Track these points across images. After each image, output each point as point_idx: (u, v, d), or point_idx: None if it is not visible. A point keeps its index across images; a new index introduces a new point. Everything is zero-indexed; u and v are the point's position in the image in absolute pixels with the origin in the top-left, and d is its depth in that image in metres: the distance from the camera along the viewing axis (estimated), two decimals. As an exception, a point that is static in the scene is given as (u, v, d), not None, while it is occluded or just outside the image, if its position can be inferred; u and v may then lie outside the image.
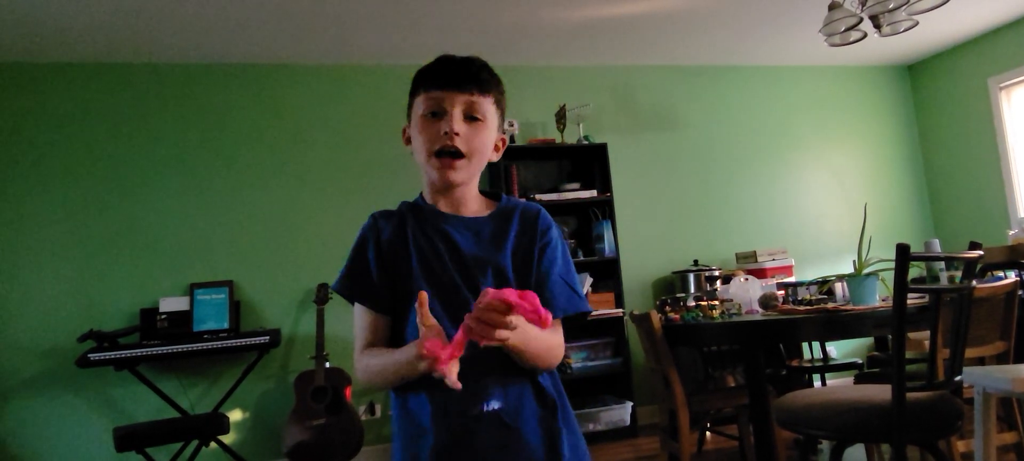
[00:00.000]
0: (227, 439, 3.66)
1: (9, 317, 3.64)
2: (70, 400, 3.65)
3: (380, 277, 1.10)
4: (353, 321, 1.13)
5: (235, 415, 3.81)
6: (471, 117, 1.12)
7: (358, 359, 1.10)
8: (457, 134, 1.09)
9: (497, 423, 1.04)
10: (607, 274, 4.29)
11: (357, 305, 1.11)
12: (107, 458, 3.62)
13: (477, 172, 1.15)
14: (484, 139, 1.13)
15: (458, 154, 1.10)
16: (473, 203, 1.18)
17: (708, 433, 3.80)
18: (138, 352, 3.42)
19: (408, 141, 1.18)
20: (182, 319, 3.71)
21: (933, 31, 4.64)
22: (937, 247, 3.16)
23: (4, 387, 3.59)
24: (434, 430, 1.03)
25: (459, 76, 1.11)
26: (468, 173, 1.13)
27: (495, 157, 1.17)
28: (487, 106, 1.13)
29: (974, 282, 1.85)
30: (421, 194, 1.20)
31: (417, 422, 1.06)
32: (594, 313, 4.13)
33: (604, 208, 4.34)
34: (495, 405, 1.04)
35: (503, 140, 1.19)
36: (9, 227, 3.70)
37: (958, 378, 1.84)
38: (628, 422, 4.04)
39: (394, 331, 1.11)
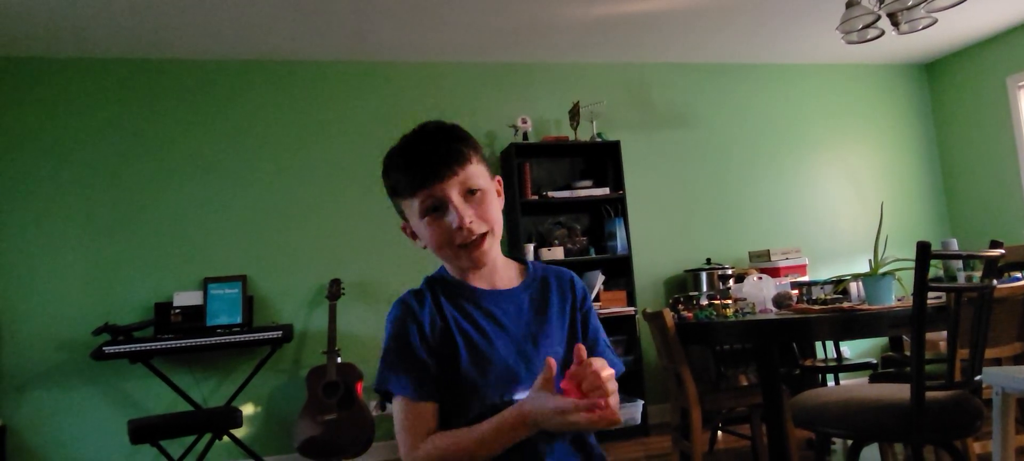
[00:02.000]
0: (240, 433, 3.69)
1: (26, 310, 3.68)
2: (85, 392, 3.69)
3: (431, 366, 1.04)
4: (396, 417, 1.04)
5: (248, 409, 3.84)
6: (470, 191, 1.06)
7: (414, 453, 1.01)
8: (470, 222, 1.04)
9: None
10: (619, 272, 4.28)
11: (401, 399, 1.03)
12: (122, 450, 3.66)
13: (499, 237, 1.11)
14: (491, 205, 1.08)
15: (481, 237, 1.06)
16: (503, 271, 1.14)
17: (720, 432, 3.78)
18: (152, 345, 3.45)
19: (413, 236, 1.12)
20: (196, 313, 3.73)
21: (951, 29, 4.59)
22: (954, 247, 3.12)
23: (20, 379, 3.63)
24: None
25: (438, 164, 1.04)
26: (495, 244, 1.09)
27: (500, 204, 1.13)
28: (477, 172, 1.07)
29: (995, 281, 1.83)
30: (443, 269, 1.15)
31: None
32: (606, 312, 4.12)
33: (617, 206, 4.33)
34: None
35: (499, 182, 1.15)
36: (26, 221, 3.74)
37: (978, 378, 1.82)
38: (639, 421, 4.03)
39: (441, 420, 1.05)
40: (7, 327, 3.65)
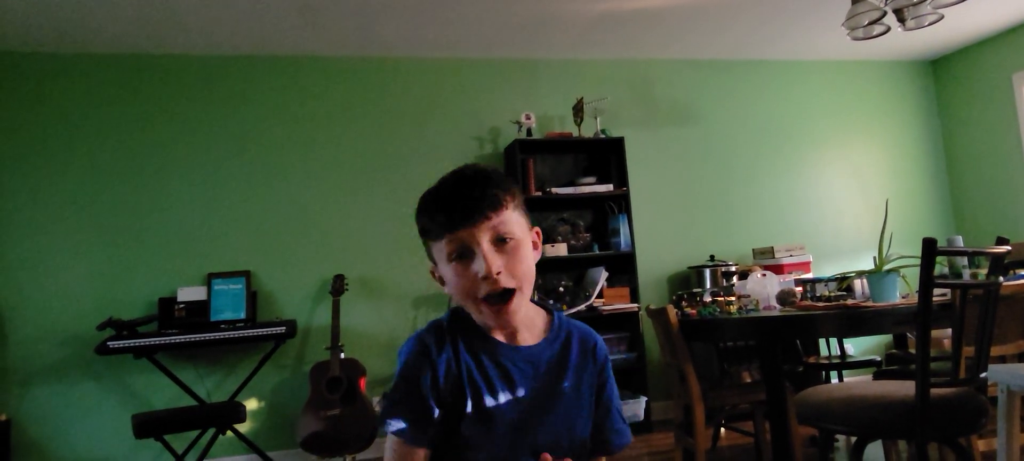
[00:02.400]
0: (243, 428, 3.69)
1: (30, 305, 3.69)
2: (89, 387, 3.70)
3: (435, 415, 1.02)
4: (387, 451, 1.05)
5: (251, 404, 3.84)
6: (501, 240, 1.00)
7: None
8: (498, 274, 0.98)
9: None
10: (623, 269, 4.28)
11: (394, 438, 1.03)
12: (125, 444, 3.67)
13: (529, 296, 1.06)
14: (523, 257, 1.02)
15: (508, 292, 1.00)
16: (527, 323, 1.08)
17: (723, 429, 3.77)
18: (156, 341, 3.46)
19: (441, 282, 1.07)
20: (199, 309, 3.74)
21: (957, 26, 4.57)
22: (959, 244, 3.11)
23: (25, 373, 3.64)
24: None
25: (471, 209, 0.99)
26: (524, 303, 1.04)
27: (536, 257, 1.07)
28: (511, 219, 1.02)
29: (1001, 278, 1.82)
30: (463, 312, 1.10)
31: None
32: (609, 308, 4.11)
33: (620, 202, 4.32)
34: None
35: (537, 234, 1.09)
36: (31, 216, 3.75)
37: (983, 375, 1.81)
38: (642, 417, 4.03)
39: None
40: (12, 322, 3.66)
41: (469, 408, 1.01)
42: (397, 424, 1.02)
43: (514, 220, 1.02)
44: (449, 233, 1.00)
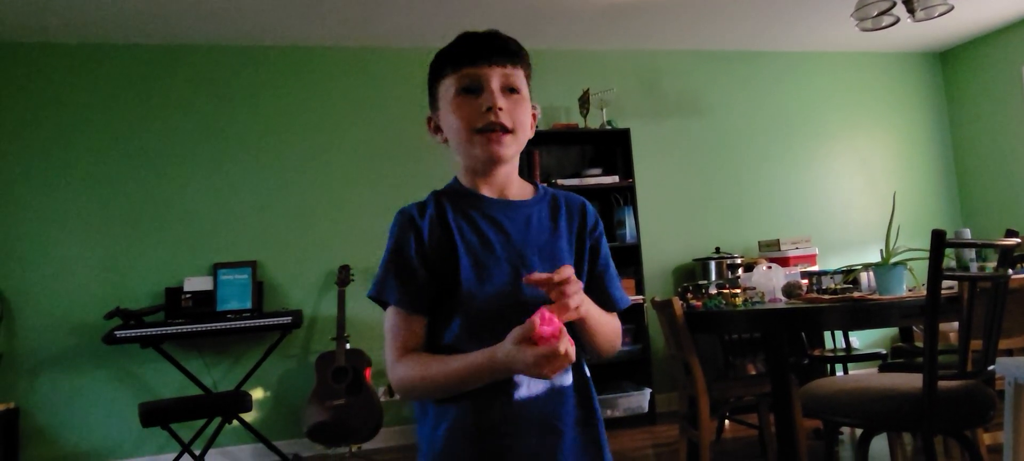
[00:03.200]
0: (249, 417, 3.72)
1: (38, 294, 3.71)
2: (97, 375, 3.72)
3: (424, 278, 1.01)
4: (386, 324, 1.03)
5: (257, 394, 3.86)
6: (510, 89, 1.05)
7: (396, 366, 1.00)
8: (500, 108, 1.02)
9: (538, 423, 0.99)
10: (628, 260, 4.27)
11: (393, 308, 1.02)
12: (132, 432, 3.70)
13: (521, 149, 1.09)
14: (525, 113, 1.07)
15: (504, 129, 1.03)
16: (516, 186, 1.11)
17: (727, 421, 3.78)
18: (163, 330, 3.48)
19: (435, 130, 1.11)
20: (206, 298, 3.76)
21: (966, 17, 4.53)
22: (967, 237, 3.10)
23: (33, 362, 3.67)
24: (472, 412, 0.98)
25: (491, 49, 1.05)
26: (515, 149, 1.07)
27: (530, 133, 1.10)
28: (521, 78, 1.07)
29: (1010, 271, 1.81)
30: (455, 180, 1.12)
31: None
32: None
33: (626, 194, 4.31)
34: (538, 389, 0.99)
35: (535, 114, 1.13)
36: (39, 206, 3.77)
37: (991, 368, 1.81)
38: (647, 409, 4.04)
39: (429, 331, 1.03)
40: (21, 311, 3.68)
41: (463, 262, 1.01)
42: (392, 292, 1.01)
43: (523, 81, 1.08)
44: (464, 67, 1.04)
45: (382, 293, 1.02)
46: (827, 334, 3.96)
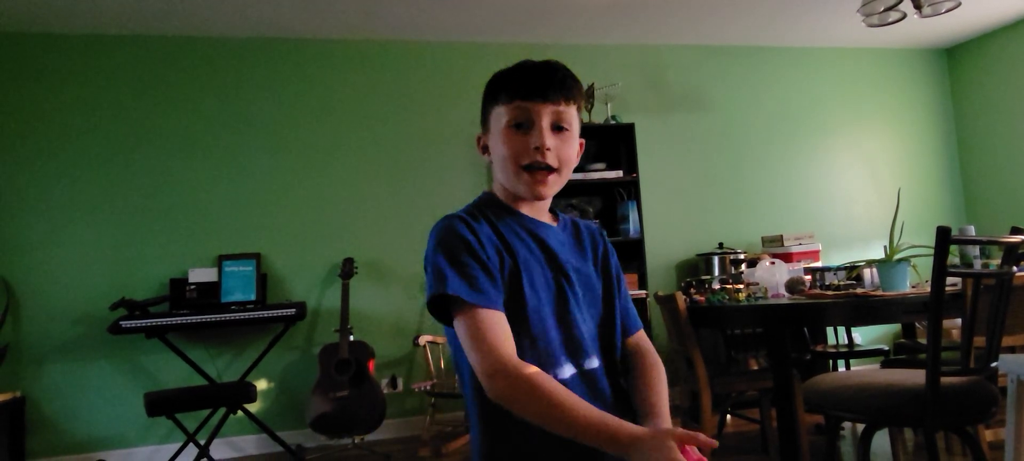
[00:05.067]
0: (253, 407, 3.74)
1: (44, 284, 3.73)
2: (102, 365, 3.75)
3: (499, 278, 1.00)
4: (469, 329, 0.94)
5: (261, 384, 3.88)
6: (558, 127, 1.07)
7: (510, 372, 0.91)
8: (548, 149, 1.05)
9: None
10: (632, 255, 4.27)
11: (480, 309, 0.95)
12: (137, 422, 3.72)
13: (564, 184, 1.12)
14: (572, 150, 1.09)
15: (550, 169, 1.06)
16: (547, 213, 1.16)
17: (729, 416, 3.78)
18: (168, 321, 3.49)
19: (484, 150, 1.14)
20: (210, 290, 3.77)
21: (973, 14, 4.51)
22: (972, 234, 3.09)
23: (39, 352, 3.69)
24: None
25: (546, 85, 1.06)
26: (558, 186, 1.10)
27: (576, 162, 1.13)
28: (573, 115, 1.10)
29: (1014, 268, 1.81)
30: (492, 194, 1.14)
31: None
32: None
33: (630, 189, 4.31)
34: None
35: (582, 144, 1.14)
36: (45, 196, 3.78)
37: (994, 365, 1.81)
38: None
39: None
40: (27, 301, 3.71)
41: (521, 270, 1.02)
42: (464, 290, 0.94)
43: (574, 118, 1.10)
44: (518, 100, 1.06)
45: (455, 288, 0.94)
46: (830, 330, 3.96)
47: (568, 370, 1.04)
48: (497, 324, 0.95)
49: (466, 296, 0.94)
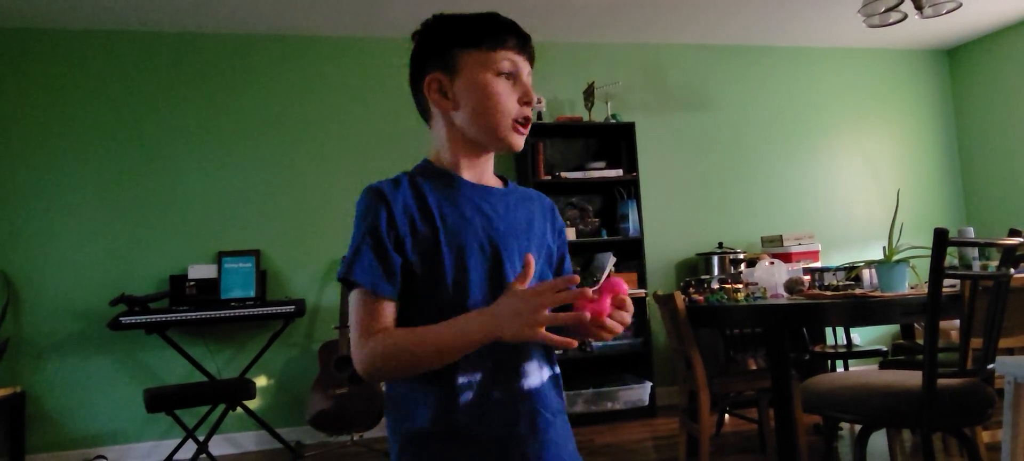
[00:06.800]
0: (253, 404, 3.74)
1: (44, 280, 3.73)
2: (102, 361, 3.75)
3: (402, 262, 0.96)
4: (351, 306, 0.96)
5: (261, 381, 3.89)
6: None
7: (367, 342, 0.93)
8: (538, 101, 1.04)
9: (533, 412, 0.98)
10: (631, 254, 4.28)
11: (360, 290, 0.95)
12: (137, 418, 3.73)
13: None
14: None
15: (527, 124, 1.03)
16: (491, 175, 1.10)
17: (727, 415, 3.79)
18: (167, 317, 3.50)
19: (442, 95, 1.05)
20: (210, 286, 3.78)
21: (975, 15, 4.51)
22: (971, 236, 3.10)
23: (40, 347, 3.70)
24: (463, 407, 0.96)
25: (526, 40, 1.04)
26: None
27: None
28: None
29: (1012, 270, 1.81)
30: (427, 161, 1.09)
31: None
32: (616, 293, 4.12)
33: (630, 188, 4.32)
34: (534, 383, 1.00)
35: None
36: (46, 192, 3.78)
37: (991, 367, 1.82)
38: (647, 402, 4.05)
39: (403, 320, 0.97)
40: (27, 296, 3.71)
41: (443, 243, 0.97)
42: (361, 273, 0.94)
43: None
44: (508, 49, 1.01)
45: (357, 274, 0.94)
46: (828, 330, 3.97)
47: None
48: (369, 309, 0.94)
49: (355, 278, 0.94)
